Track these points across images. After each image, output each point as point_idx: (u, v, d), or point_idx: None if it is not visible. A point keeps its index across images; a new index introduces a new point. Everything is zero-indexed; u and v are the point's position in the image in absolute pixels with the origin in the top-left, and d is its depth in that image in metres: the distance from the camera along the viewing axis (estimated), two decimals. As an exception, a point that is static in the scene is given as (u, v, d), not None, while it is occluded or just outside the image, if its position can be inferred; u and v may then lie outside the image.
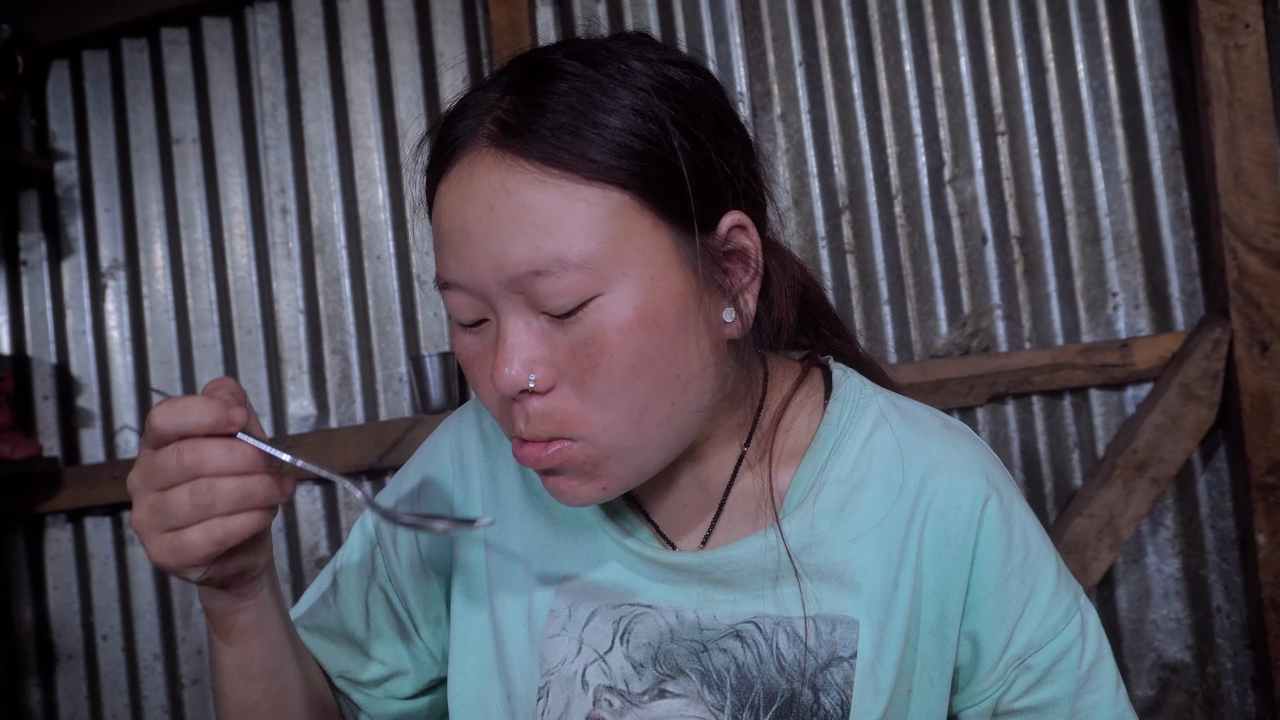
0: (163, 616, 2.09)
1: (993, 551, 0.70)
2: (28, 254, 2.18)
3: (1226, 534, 1.77)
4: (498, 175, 0.61)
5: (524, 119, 0.61)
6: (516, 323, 0.62)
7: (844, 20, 1.91)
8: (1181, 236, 1.80)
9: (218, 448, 0.58)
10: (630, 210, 0.61)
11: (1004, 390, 1.78)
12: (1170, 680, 1.79)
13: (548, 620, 0.73)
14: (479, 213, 0.61)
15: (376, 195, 2.05)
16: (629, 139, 0.61)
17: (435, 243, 0.65)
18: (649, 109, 0.62)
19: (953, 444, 0.72)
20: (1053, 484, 1.83)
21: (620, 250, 0.61)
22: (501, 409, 0.66)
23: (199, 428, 0.58)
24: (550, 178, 0.60)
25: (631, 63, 0.64)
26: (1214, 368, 1.67)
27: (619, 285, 0.61)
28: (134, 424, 2.12)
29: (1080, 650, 0.71)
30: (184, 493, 0.58)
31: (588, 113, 0.61)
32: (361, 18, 2.06)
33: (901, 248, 1.88)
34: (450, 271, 0.64)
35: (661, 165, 0.62)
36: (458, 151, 0.63)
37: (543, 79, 0.63)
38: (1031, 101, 1.85)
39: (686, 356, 0.64)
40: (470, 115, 0.64)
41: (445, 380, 1.92)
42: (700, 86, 0.66)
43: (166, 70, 2.13)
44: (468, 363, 0.67)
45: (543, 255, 0.60)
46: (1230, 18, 1.65)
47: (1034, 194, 1.85)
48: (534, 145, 0.61)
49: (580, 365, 0.61)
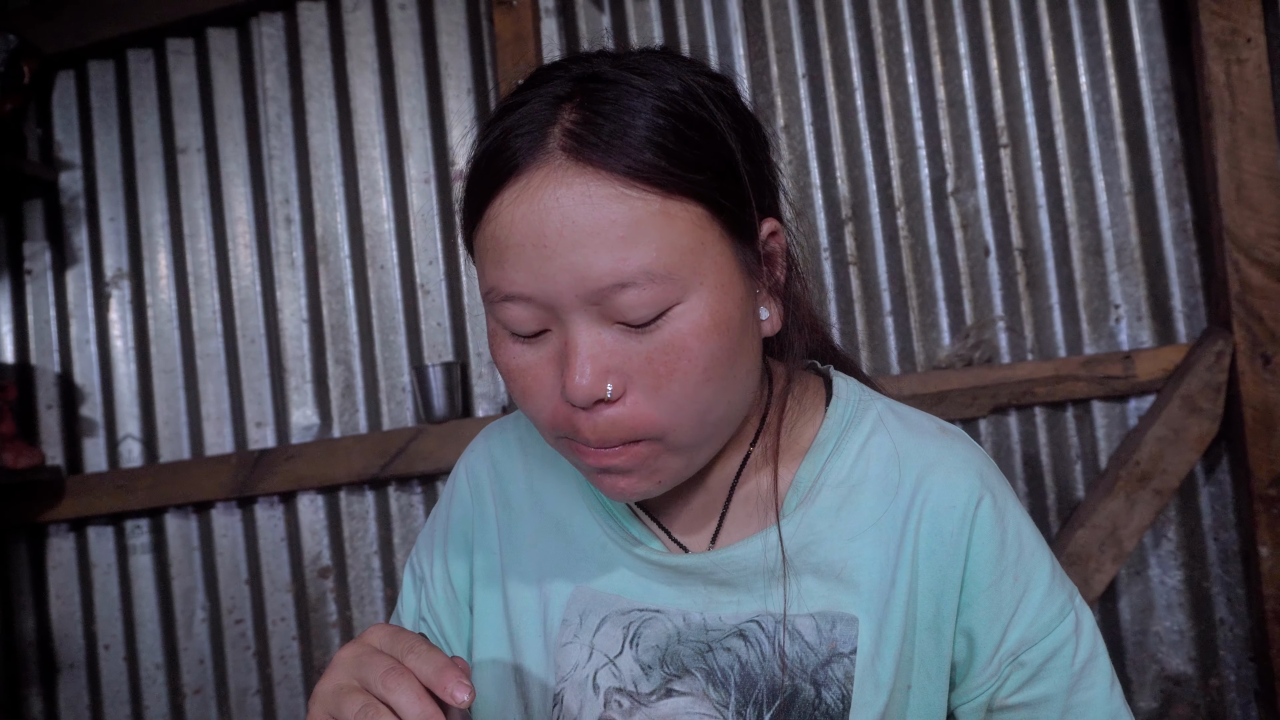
0: (165, 626, 2.09)
1: (986, 549, 0.71)
2: (32, 263, 2.18)
3: (1229, 546, 1.77)
4: (580, 187, 0.61)
5: (595, 130, 0.62)
6: (590, 334, 0.63)
7: (847, 33, 1.92)
8: (1184, 249, 1.80)
9: (410, 692, 0.59)
10: (705, 222, 0.63)
11: (1006, 402, 1.78)
12: (1173, 693, 1.79)
13: (560, 629, 0.75)
14: (558, 226, 0.61)
15: (380, 205, 2.05)
16: (698, 151, 0.63)
17: (494, 258, 0.64)
18: (716, 122, 0.64)
19: (947, 446, 0.74)
20: (1055, 495, 1.83)
21: (699, 261, 0.63)
22: (556, 415, 0.66)
23: (424, 678, 0.59)
24: (634, 191, 0.61)
25: (669, 69, 0.65)
26: (1216, 380, 1.67)
27: (695, 294, 0.63)
28: (137, 433, 2.12)
29: (1074, 648, 0.72)
30: (360, 698, 0.59)
31: (653, 123, 0.62)
32: (366, 29, 2.07)
33: (904, 259, 1.89)
34: (517, 285, 0.63)
35: (732, 178, 0.65)
36: (524, 164, 0.63)
37: (599, 90, 0.64)
38: (1034, 114, 1.85)
39: (745, 357, 0.67)
40: (528, 129, 0.63)
41: (448, 390, 1.92)
42: (736, 96, 0.69)
43: (172, 80, 2.14)
44: (518, 372, 0.67)
45: (628, 268, 0.60)
46: (1232, 32, 1.66)
47: (1036, 206, 1.85)
48: (616, 158, 0.61)
49: (656, 371, 0.63)
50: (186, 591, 2.08)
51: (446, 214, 2.05)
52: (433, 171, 2.04)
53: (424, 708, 0.58)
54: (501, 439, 0.86)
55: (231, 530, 2.07)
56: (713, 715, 0.70)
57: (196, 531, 2.09)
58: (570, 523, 0.78)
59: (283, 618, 2.04)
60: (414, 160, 2.05)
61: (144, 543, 2.10)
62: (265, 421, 2.07)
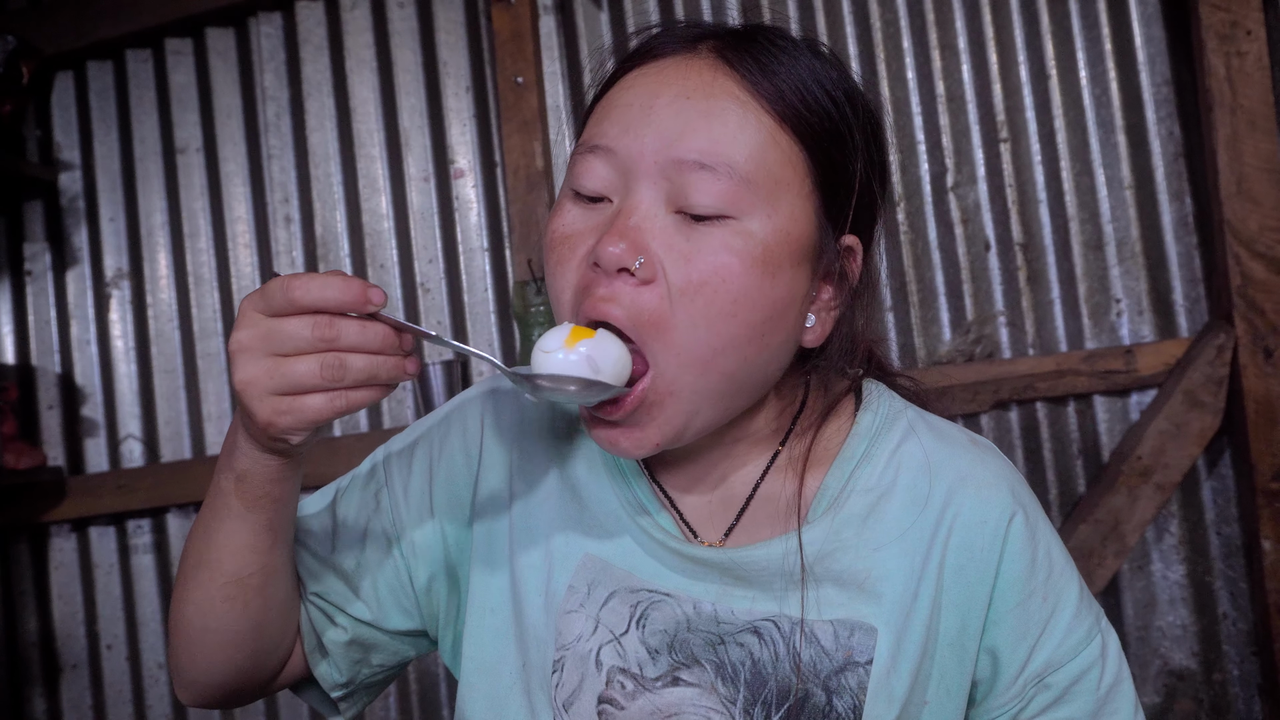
0: (167, 626, 2.09)
1: (1016, 568, 0.70)
2: (32, 264, 2.18)
3: (1232, 540, 1.77)
4: (709, 76, 0.65)
5: (746, 45, 0.67)
6: (649, 205, 0.64)
7: (846, 28, 1.91)
8: (1185, 243, 1.80)
9: (353, 325, 0.59)
10: (800, 166, 0.66)
11: (1008, 397, 1.78)
12: (1176, 687, 1.78)
13: (566, 595, 0.73)
14: (673, 97, 0.65)
15: (380, 204, 2.05)
16: (824, 107, 0.67)
17: (598, 115, 0.68)
18: (844, 102, 0.68)
19: (979, 459, 0.73)
20: (1057, 490, 1.82)
21: (777, 190, 0.64)
22: (578, 289, 0.65)
23: (339, 306, 0.59)
24: (754, 100, 0.65)
25: (848, 78, 0.70)
26: (1218, 374, 1.67)
27: (759, 220, 0.64)
28: (138, 433, 2.12)
29: (1100, 672, 0.71)
30: (312, 362, 0.59)
31: (798, 66, 0.67)
32: (365, 28, 2.07)
33: (904, 255, 1.88)
34: (609, 137, 0.65)
35: (842, 151, 0.67)
36: (666, 52, 0.68)
37: (760, 31, 0.69)
38: (1034, 108, 1.85)
39: (777, 324, 0.66)
40: (680, 34, 0.68)
41: (449, 388, 1.92)
42: (883, 131, 0.72)
43: (171, 80, 2.14)
44: (561, 240, 0.67)
45: (716, 150, 0.63)
46: (1232, 24, 1.66)
47: (1037, 201, 1.85)
48: (750, 66, 0.65)
49: (690, 275, 0.63)
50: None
51: (446, 212, 2.05)
52: (432, 170, 2.04)
53: (381, 357, 0.60)
54: None
55: (233, 530, 2.07)
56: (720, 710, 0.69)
57: (198, 531, 2.09)
58: (588, 488, 0.76)
59: (285, 617, 2.04)
60: (413, 159, 2.05)
61: (146, 543, 2.10)
62: (266, 421, 2.07)
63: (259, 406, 0.60)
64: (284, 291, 0.59)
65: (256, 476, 0.66)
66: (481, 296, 2.02)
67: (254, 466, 0.66)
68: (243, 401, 0.61)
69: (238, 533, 0.69)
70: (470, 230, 2.03)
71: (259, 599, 0.72)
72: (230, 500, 0.67)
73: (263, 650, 0.75)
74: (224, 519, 0.68)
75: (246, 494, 0.67)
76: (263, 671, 0.77)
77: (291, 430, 0.61)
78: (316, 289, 0.58)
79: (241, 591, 0.71)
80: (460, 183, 2.03)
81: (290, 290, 0.58)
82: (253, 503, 0.67)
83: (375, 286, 0.59)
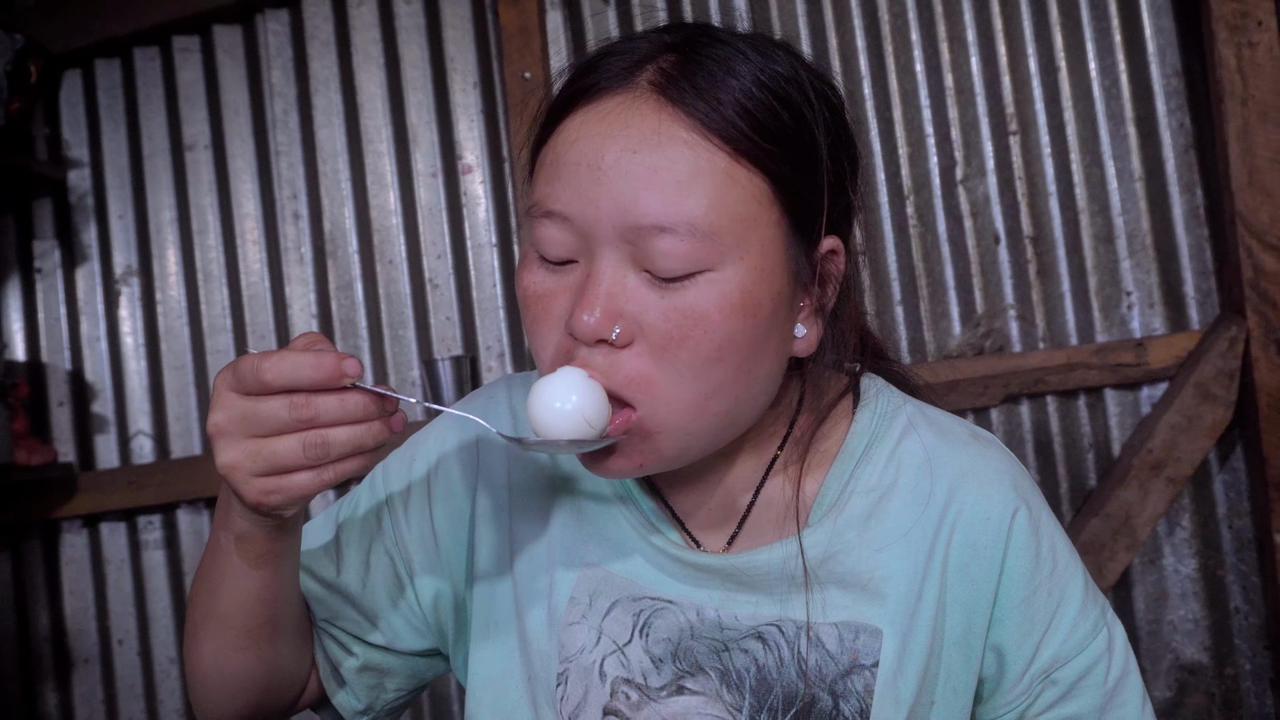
0: (178, 621, 2.10)
1: (1021, 564, 0.69)
2: (42, 261, 2.19)
3: (1244, 534, 1.76)
4: (653, 122, 0.61)
5: (688, 76, 0.61)
6: (614, 272, 0.61)
7: (854, 21, 1.91)
8: (1196, 235, 1.79)
9: (331, 400, 0.57)
10: (766, 200, 0.62)
11: (1018, 391, 1.77)
12: (1188, 682, 1.78)
13: (568, 607, 0.72)
14: (620, 153, 0.60)
15: (388, 200, 2.05)
16: (781, 129, 0.62)
17: (548, 172, 0.64)
18: (809, 112, 0.64)
19: (981, 454, 0.72)
20: (1068, 484, 1.82)
21: (745, 233, 0.61)
22: (559, 352, 0.64)
23: (313, 385, 0.57)
24: (704, 140, 0.60)
25: (797, 66, 0.65)
26: (1230, 367, 1.66)
27: (732, 266, 0.61)
28: (148, 429, 2.13)
29: (1107, 665, 0.70)
30: (294, 441, 0.58)
31: (748, 88, 0.62)
32: (372, 23, 2.07)
33: (914, 248, 1.88)
34: (561, 203, 0.62)
35: (807, 169, 0.63)
36: (607, 90, 0.63)
37: (707, 45, 0.63)
38: (1043, 100, 1.84)
39: (763, 355, 0.64)
40: (624, 59, 0.64)
41: (458, 384, 1.92)
42: (842, 108, 0.68)
43: (178, 77, 2.14)
44: (534, 298, 0.65)
45: (674, 213, 0.60)
46: (1243, 15, 1.65)
47: (1046, 193, 1.84)
48: (695, 103, 0.61)
49: (669, 331, 0.61)
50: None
51: (454, 207, 2.05)
52: (440, 165, 2.04)
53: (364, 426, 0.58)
54: (525, 394, 0.82)
55: (243, 526, 2.07)
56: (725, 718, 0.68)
57: (208, 526, 2.09)
58: (592, 503, 0.76)
59: (295, 612, 2.05)
60: (421, 154, 2.05)
61: (156, 538, 2.11)
62: (275, 417, 2.07)
63: (246, 489, 0.59)
64: (255, 374, 0.57)
65: (256, 538, 0.66)
66: (490, 292, 2.02)
67: (251, 529, 0.65)
68: (228, 483, 0.60)
69: (243, 589, 0.69)
70: (478, 225, 2.03)
71: (270, 646, 0.72)
72: (231, 558, 0.67)
73: (279, 686, 0.76)
74: (227, 575, 0.68)
75: (248, 553, 0.67)
76: (281, 703, 0.78)
77: (282, 507, 0.60)
78: (289, 370, 0.57)
79: (253, 641, 0.71)
80: (468, 178, 2.03)
81: (261, 374, 0.57)
82: (255, 561, 0.67)
83: (350, 357, 0.58)
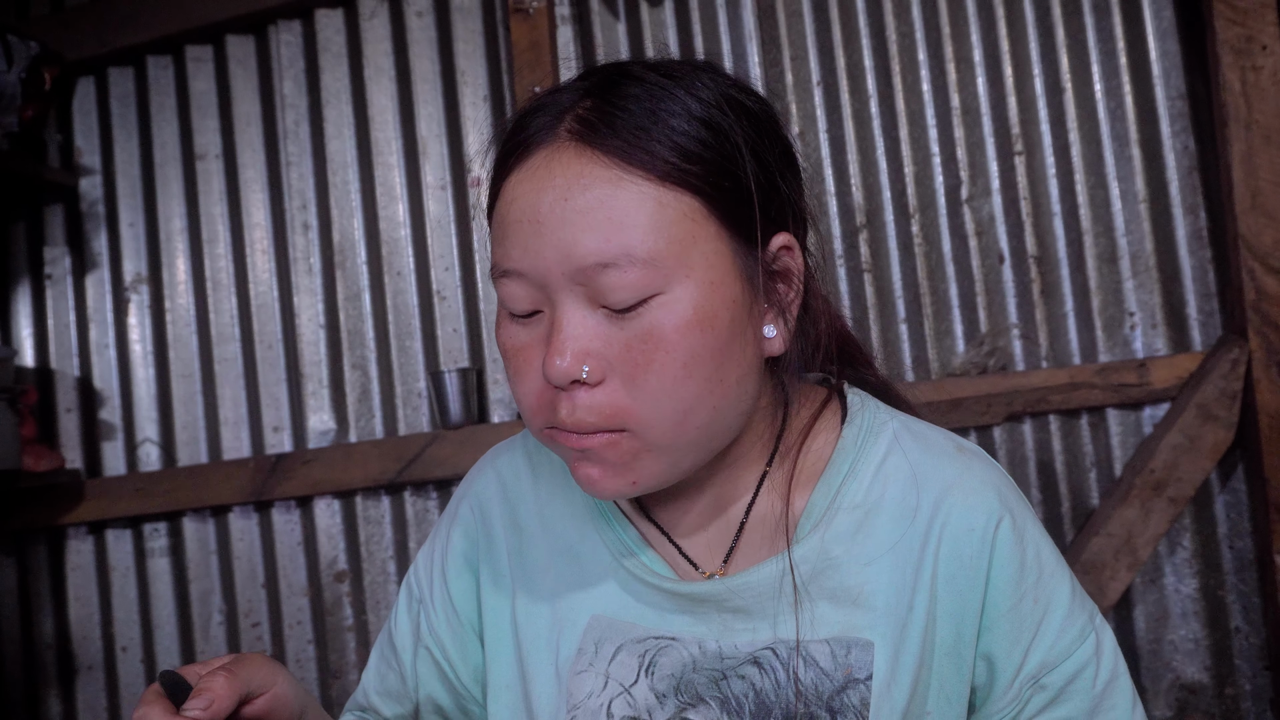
0: (182, 629, 2.10)
1: (1006, 572, 0.70)
2: (52, 268, 2.20)
3: (1245, 554, 1.77)
4: (576, 168, 0.64)
5: (604, 118, 0.65)
6: (574, 314, 0.64)
7: (862, 40, 1.92)
8: (1199, 257, 1.80)
9: None
10: (699, 215, 0.64)
11: (1021, 409, 1.78)
12: (1188, 701, 1.78)
13: (575, 658, 0.74)
14: (553, 203, 0.63)
15: (397, 211, 2.07)
16: (701, 147, 0.65)
17: (498, 234, 0.67)
18: (720, 122, 0.66)
19: (965, 466, 0.73)
20: (1070, 503, 1.83)
21: (686, 252, 0.64)
22: (541, 399, 0.67)
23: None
24: (627, 175, 0.63)
25: (703, 78, 0.67)
26: (1232, 388, 1.67)
27: (680, 285, 0.64)
28: (155, 437, 2.14)
29: (1095, 669, 0.71)
30: None
31: (662, 117, 0.64)
32: (383, 36, 2.08)
33: (919, 267, 1.89)
34: (513, 260, 0.65)
35: (732, 177, 0.65)
36: (534, 146, 0.66)
37: (621, 84, 0.66)
38: (1048, 121, 1.86)
39: (733, 362, 0.66)
40: (547, 113, 0.67)
41: (464, 395, 1.93)
42: (765, 112, 0.70)
43: (191, 87, 2.16)
44: (512, 353, 0.68)
45: (612, 248, 0.62)
46: (1247, 39, 1.66)
47: (1051, 213, 1.85)
48: (612, 142, 0.64)
49: (634, 360, 0.64)
50: (204, 595, 2.10)
51: (463, 220, 2.06)
52: (449, 178, 2.06)
53: None
54: (510, 459, 0.85)
55: (248, 534, 2.08)
56: None
57: (214, 535, 2.10)
58: (580, 546, 0.78)
59: (299, 621, 2.06)
60: (430, 167, 2.06)
61: (162, 546, 2.12)
62: (282, 426, 2.09)
63: None
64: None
65: None
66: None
67: None
68: None
69: None
70: (486, 239, 2.04)
71: None
72: None
73: None
74: None
75: None
76: None
77: None
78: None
79: None
80: (477, 191, 2.05)
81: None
82: None
83: None
